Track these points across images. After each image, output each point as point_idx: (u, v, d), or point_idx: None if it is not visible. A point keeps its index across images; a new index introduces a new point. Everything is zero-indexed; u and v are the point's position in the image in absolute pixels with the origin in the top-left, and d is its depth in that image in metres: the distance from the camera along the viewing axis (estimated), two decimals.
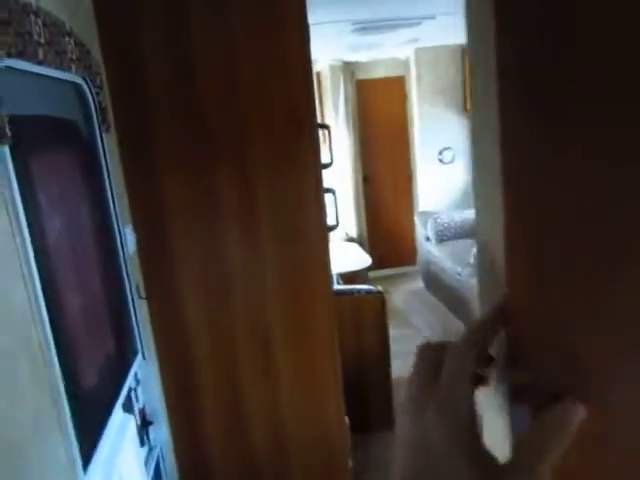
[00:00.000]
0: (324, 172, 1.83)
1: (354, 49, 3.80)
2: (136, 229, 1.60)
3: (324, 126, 1.96)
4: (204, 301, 1.72)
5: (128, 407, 1.38)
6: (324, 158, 1.86)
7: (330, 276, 2.01)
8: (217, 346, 1.73)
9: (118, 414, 1.22)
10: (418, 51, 4.42)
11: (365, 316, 2.87)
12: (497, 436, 0.35)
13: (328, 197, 1.95)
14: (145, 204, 1.62)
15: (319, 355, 1.94)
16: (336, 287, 2.85)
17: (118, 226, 1.43)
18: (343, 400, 1.96)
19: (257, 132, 1.65)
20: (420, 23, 2.78)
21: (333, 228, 2.08)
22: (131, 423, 1.30)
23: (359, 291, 2.87)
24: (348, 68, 5.05)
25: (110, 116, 1.46)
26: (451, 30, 3.50)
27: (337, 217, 2.16)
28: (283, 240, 1.79)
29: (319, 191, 1.81)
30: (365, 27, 2.71)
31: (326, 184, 1.84)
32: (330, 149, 2.04)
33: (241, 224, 1.71)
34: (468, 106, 4.50)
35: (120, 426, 1.22)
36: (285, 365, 1.82)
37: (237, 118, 1.63)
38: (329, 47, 3.66)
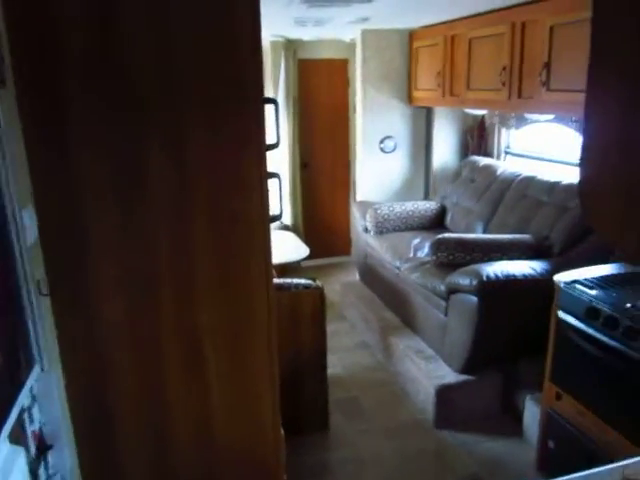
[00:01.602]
0: (268, 154, 1.60)
1: (300, 23, 3.55)
2: (39, 212, 1.31)
3: (271, 101, 1.72)
4: (123, 299, 1.45)
5: (18, 433, 1.10)
6: (269, 138, 1.62)
7: (271, 271, 1.79)
8: (138, 352, 1.47)
9: (1, 449, 0.95)
10: (365, 33, 4.23)
11: (303, 312, 2.67)
12: None
13: (272, 183, 1.73)
14: (51, 180, 1.32)
15: (256, 361, 1.73)
16: (274, 281, 2.62)
17: (13, 208, 1.14)
18: (280, 412, 1.76)
19: (195, 104, 1.40)
20: None
21: (277, 218, 1.85)
22: (20, 456, 1.03)
23: (297, 285, 2.67)
24: (291, 46, 4.79)
25: (6, 64, 1.15)
26: (403, 12, 3.34)
27: (281, 205, 1.93)
28: (219, 229, 1.55)
29: (263, 175, 1.59)
30: None
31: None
32: (277, 128, 1.80)
33: (171, 208, 1.45)
34: (412, 96, 4.38)
35: (3, 464, 0.95)
36: (217, 375, 1.59)
37: (173, 87, 1.36)
38: (273, 20, 3.39)
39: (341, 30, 4.28)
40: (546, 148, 3.71)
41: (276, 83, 4.87)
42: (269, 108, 1.74)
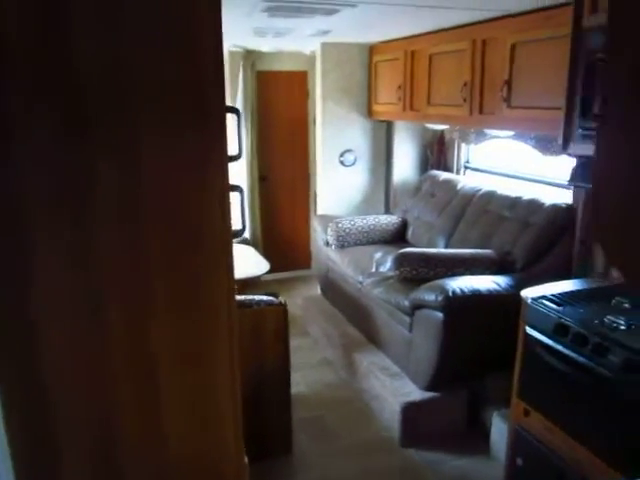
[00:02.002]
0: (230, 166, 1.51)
1: (260, 34, 3.48)
2: None
3: (233, 110, 1.63)
4: (68, 320, 1.31)
5: None
6: (231, 149, 1.54)
7: (234, 289, 1.70)
8: (84, 382, 1.34)
9: None
10: (325, 46, 4.20)
11: (266, 329, 2.57)
12: None
13: (233, 196, 1.64)
14: None
15: (218, 385, 1.62)
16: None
17: None
18: (243, 439, 1.65)
19: (153, 116, 1.29)
20: (338, 11, 2.54)
21: (239, 233, 1.75)
22: None
23: (259, 302, 2.57)
24: (249, 57, 4.72)
25: None
26: (364, 26, 3.33)
27: (244, 220, 1.84)
28: (178, 245, 1.43)
29: (225, 189, 1.49)
30: (279, 6, 2.42)
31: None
32: (239, 138, 1.71)
33: (121, 222, 1.33)
34: (372, 110, 4.38)
35: None
36: (175, 402, 1.47)
37: (127, 99, 1.25)
38: (233, 29, 3.31)
39: (301, 42, 4.24)
40: (505, 164, 3.76)
41: (234, 94, 4.77)
42: (231, 118, 1.66)
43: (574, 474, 1.94)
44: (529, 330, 2.09)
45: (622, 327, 1.81)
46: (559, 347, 1.93)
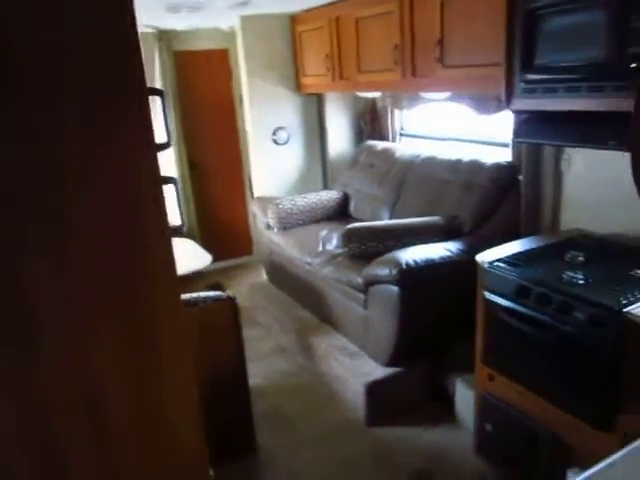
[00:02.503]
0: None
1: (173, 9, 3.21)
2: None
3: (157, 92, 1.43)
4: None
5: None
6: (158, 136, 1.35)
7: (178, 289, 1.54)
8: (19, 421, 1.15)
9: None
10: (244, 20, 3.97)
11: (216, 327, 2.40)
12: None
13: (167, 189, 1.46)
14: None
15: (171, 401, 1.47)
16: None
17: None
18: (206, 451, 1.51)
19: (69, 104, 1.11)
20: None
21: (179, 230, 1.57)
22: None
23: (206, 299, 2.39)
24: (164, 37, 4.41)
25: None
26: None
27: (182, 214, 1.65)
28: (109, 247, 1.26)
29: (157, 181, 1.32)
30: None
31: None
32: (166, 124, 1.52)
33: (42, 224, 1.14)
34: (301, 83, 4.21)
35: None
36: (125, 424, 1.30)
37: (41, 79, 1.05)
38: (142, 5, 3.02)
39: (218, 17, 3.99)
40: (441, 127, 3.71)
41: (151, 79, 4.46)
42: (155, 102, 1.47)
43: (545, 433, 1.93)
44: (489, 295, 2.04)
45: (581, 282, 1.78)
46: (522, 309, 1.88)
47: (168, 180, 1.50)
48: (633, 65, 1.52)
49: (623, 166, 2.16)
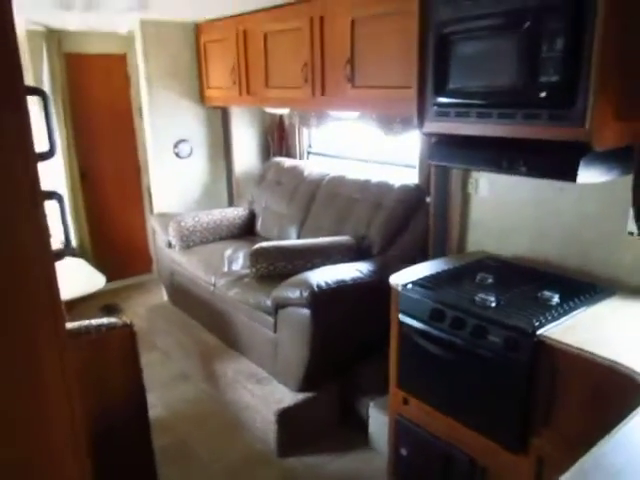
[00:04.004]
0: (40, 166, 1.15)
1: (65, 6, 2.93)
2: None
3: (37, 91, 1.23)
4: None
5: None
6: (39, 144, 1.16)
7: (63, 321, 1.34)
8: None
9: None
10: (145, 25, 3.74)
11: (111, 359, 2.16)
12: None
13: (50, 205, 1.26)
14: None
15: (56, 449, 1.29)
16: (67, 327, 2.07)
17: None
18: None
19: None
20: None
21: (63, 254, 1.36)
22: None
23: (99, 328, 2.14)
24: (53, 37, 4.05)
25: None
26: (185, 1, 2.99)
27: (67, 235, 1.45)
28: None
29: (36, 197, 1.14)
30: None
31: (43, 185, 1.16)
32: (50, 130, 1.32)
33: None
34: (205, 95, 4.04)
35: None
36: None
37: None
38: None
39: (116, 19, 3.72)
40: (349, 147, 3.71)
41: (38, 82, 4.07)
42: (35, 104, 1.27)
43: (461, 456, 1.92)
44: (403, 318, 2.01)
45: (493, 304, 1.79)
46: (437, 332, 1.87)
47: (50, 195, 1.31)
48: (543, 94, 1.56)
49: (526, 191, 2.25)
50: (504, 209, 2.33)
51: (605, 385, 1.45)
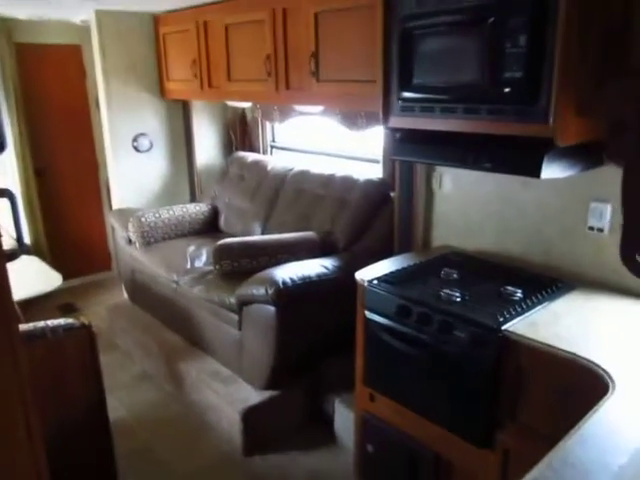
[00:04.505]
0: None
1: None
2: None
3: None
4: None
5: None
6: None
7: (16, 324, 1.28)
8: None
9: None
10: (100, 15, 3.61)
11: (68, 362, 2.08)
12: None
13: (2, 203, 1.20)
14: None
15: (9, 459, 1.22)
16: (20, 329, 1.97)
17: None
18: None
19: None
20: None
21: (16, 254, 1.30)
22: None
23: (55, 329, 2.05)
24: (3, 26, 3.86)
25: None
26: None
27: (20, 234, 1.37)
28: None
29: None
30: None
31: None
32: None
33: None
34: (165, 88, 3.93)
35: None
36: None
37: None
38: None
39: (70, 9, 3.58)
40: (313, 141, 3.68)
41: None
42: None
43: (427, 452, 1.92)
44: (369, 314, 2.00)
45: (458, 299, 1.80)
46: (403, 329, 1.86)
47: (1, 193, 1.24)
48: (507, 90, 1.57)
49: (490, 186, 2.27)
50: (468, 204, 2.34)
51: (568, 379, 1.47)
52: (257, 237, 3.12)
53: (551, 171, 1.62)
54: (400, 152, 2.05)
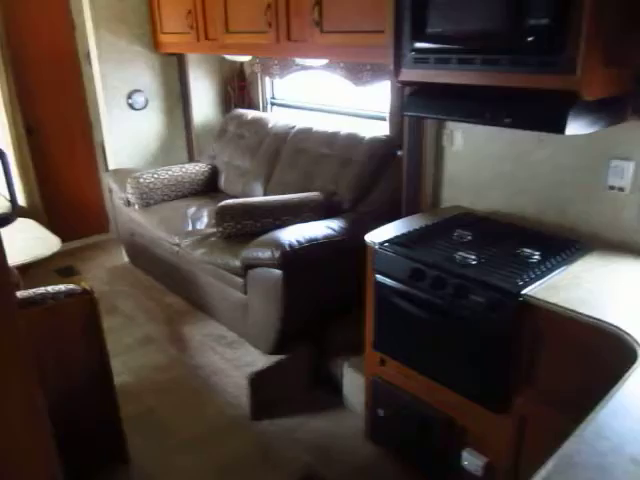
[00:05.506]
0: None
1: None
2: None
3: None
4: None
5: None
6: None
7: (12, 290, 1.23)
8: None
9: None
10: None
11: (71, 328, 2.03)
12: None
13: None
14: None
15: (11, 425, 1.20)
16: (18, 295, 1.91)
17: None
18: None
19: None
20: None
21: (9, 218, 1.22)
22: None
23: (56, 295, 1.99)
24: None
25: None
26: None
27: (13, 196, 1.29)
28: None
29: None
30: None
31: None
32: None
33: None
34: (159, 41, 3.75)
35: None
36: None
37: None
38: None
39: None
40: (316, 97, 3.54)
41: None
42: None
43: (439, 416, 1.90)
44: (380, 278, 1.94)
45: (474, 262, 1.74)
46: (417, 293, 1.81)
47: None
48: (530, 38, 1.45)
49: (502, 143, 2.17)
50: (480, 162, 2.25)
51: (591, 345, 1.42)
52: (260, 198, 3.03)
53: (576, 127, 1.52)
54: (412, 107, 1.94)
